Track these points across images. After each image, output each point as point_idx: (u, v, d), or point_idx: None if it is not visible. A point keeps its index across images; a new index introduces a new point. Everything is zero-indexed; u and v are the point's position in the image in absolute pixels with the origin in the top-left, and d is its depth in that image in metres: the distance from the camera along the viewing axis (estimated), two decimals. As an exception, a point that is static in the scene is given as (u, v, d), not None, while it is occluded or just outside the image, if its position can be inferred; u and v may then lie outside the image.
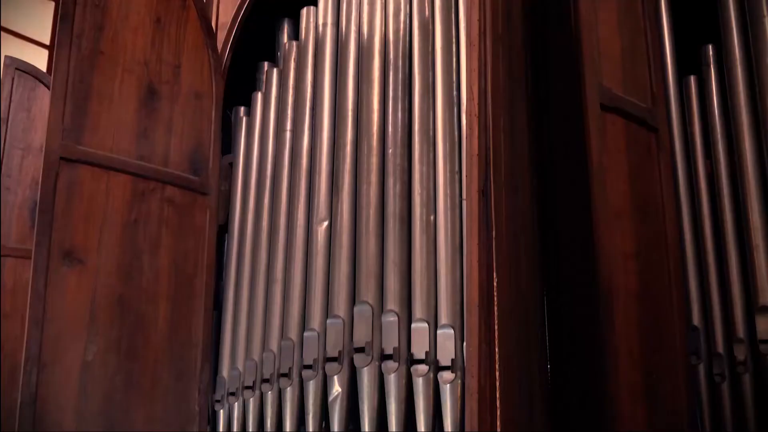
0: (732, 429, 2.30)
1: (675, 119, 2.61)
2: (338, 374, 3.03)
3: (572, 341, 2.44)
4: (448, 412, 2.71)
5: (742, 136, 2.47)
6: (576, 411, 2.41)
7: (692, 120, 2.58)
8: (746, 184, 2.39)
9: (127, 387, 3.01)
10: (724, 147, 2.48)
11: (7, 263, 3.88)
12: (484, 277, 1.87)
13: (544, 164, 2.65)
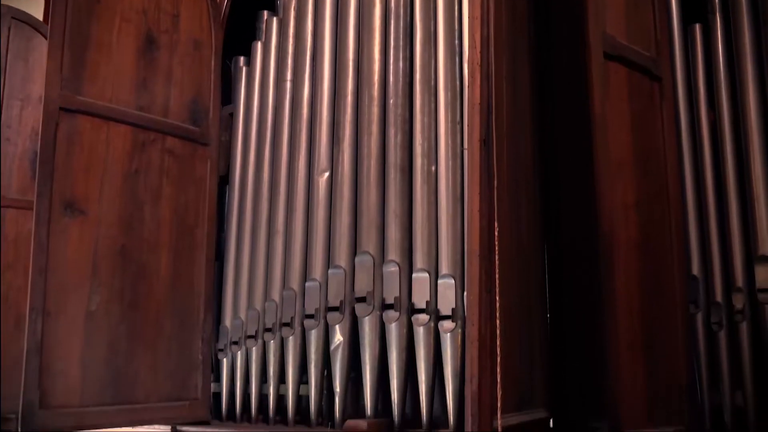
0: (728, 376, 2.33)
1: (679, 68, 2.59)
2: (340, 323, 3.06)
3: (572, 291, 2.46)
4: (449, 361, 2.75)
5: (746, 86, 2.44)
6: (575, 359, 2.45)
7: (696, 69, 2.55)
8: (749, 134, 2.38)
9: (130, 336, 3.04)
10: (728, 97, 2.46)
11: (8, 214, 3.89)
12: (485, 227, 1.87)
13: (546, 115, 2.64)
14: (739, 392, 2.30)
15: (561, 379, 2.45)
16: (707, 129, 2.49)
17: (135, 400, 3.00)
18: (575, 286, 2.43)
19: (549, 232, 2.51)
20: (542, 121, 2.59)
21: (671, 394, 2.23)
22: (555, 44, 2.65)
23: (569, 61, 2.57)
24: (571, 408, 2.42)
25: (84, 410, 2.83)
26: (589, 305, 2.23)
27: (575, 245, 2.44)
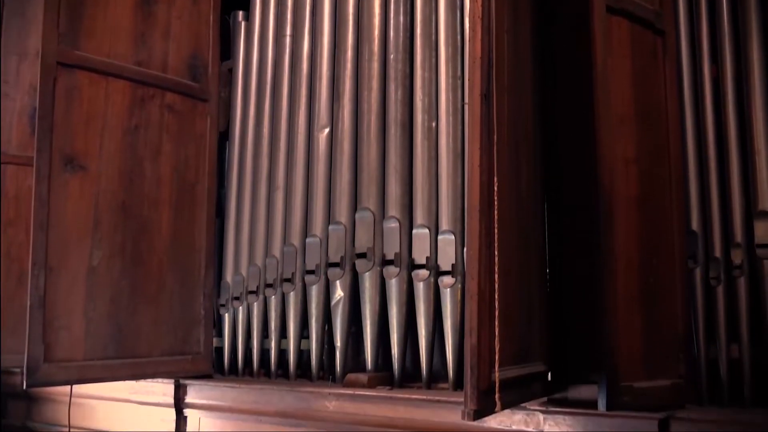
0: (725, 330, 2.34)
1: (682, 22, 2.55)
2: (340, 279, 3.08)
3: (572, 246, 2.47)
4: (448, 316, 2.77)
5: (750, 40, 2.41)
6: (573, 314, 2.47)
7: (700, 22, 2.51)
8: (751, 89, 2.36)
9: (133, 291, 3.06)
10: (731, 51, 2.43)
11: (8, 170, 3.88)
12: (485, 182, 1.87)
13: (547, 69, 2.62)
14: (735, 345, 2.32)
15: (559, 333, 2.48)
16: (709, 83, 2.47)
17: (138, 354, 3.03)
18: (574, 241, 2.44)
19: (549, 188, 2.51)
20: (543, 75, 2.57)
21: (668, 348, 2.26)
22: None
23: (571, 14, 2.54)
24: (569, 361, 2.45)
25: (88, 364, 2.86)
26: (588, 260, 2.24)
27: (575, 200, 2.44)
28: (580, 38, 2.32)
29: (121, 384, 3.42)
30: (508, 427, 2.45)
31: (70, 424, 3.64)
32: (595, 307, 2.20)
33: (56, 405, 3.97)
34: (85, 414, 3.81)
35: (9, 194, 3.87)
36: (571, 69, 2.60)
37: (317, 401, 2.90)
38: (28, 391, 3.98)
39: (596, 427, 2.25)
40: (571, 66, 2.60)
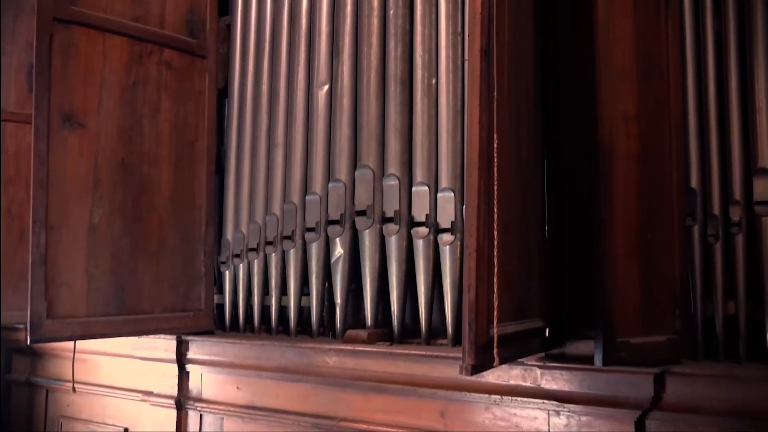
0: (722, 287, 2.36)
1: (686, -25, 2.51)
2: (340, 237, 3.09)
3: (571, 203, 2.48)
4: (447, 273, 2.79)
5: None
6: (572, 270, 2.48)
7: (703, -24, 2.48)
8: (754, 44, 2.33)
9: (134, 248, 3.07)
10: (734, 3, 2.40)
11: (7, 128, 3.87)
12: (485, 138, 1.87)
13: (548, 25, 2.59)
14: (731, 302, 2.34)
15: (557, 290, 2.50)
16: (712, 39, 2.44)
17: (140, 310, 3.06)
18: (574, 198, 2.44)
19: (549, 145, 2.50)
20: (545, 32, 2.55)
21: (665, 305, 2.27)
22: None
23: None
24: (566, 318, 2.47)
25: (90, 320, 2.89)
26: (587, 217, 2.24)
27: (575, 158, 2.44)
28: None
29: (123, 340, 3.45)
30: (506, 382, 2.49)
31: (74, 379, 3.69)
32: (593, 264, 2.22)
33: (60, 360, 4.03)
34: (88, 369, 3.87)
35: (8, 152, 3.87)
36: (573, 25, 2.57)
37: (318, 357, 2.94)
38: (32, 347, 4.03)
39: (593, 382, 2.29)
40: (572, 20, 2.58)
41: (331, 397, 2.96)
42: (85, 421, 3.92)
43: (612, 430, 2.29)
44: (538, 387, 2.41)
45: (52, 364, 4.12)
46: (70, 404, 4.01)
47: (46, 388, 4.14)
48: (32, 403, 4.22)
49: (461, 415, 2.63)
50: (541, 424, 2.46)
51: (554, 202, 2.52)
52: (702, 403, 2.15)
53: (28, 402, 4.23)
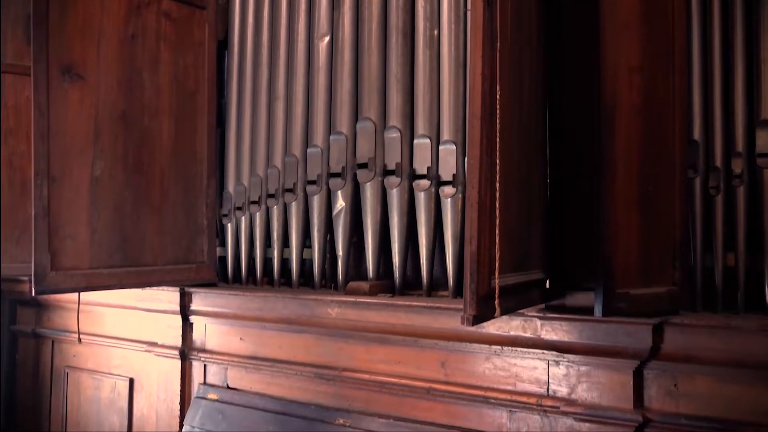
0: (722, 239, 2.37)
1: None
2: (342, 189, 3.09)
3: (573, 156, 2.47)
4: (449, 225, 2.80)
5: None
6: (573, 222, 2.49)
7: None
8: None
9: (136, 201, 3.08)
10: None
11: (6, 80, 3.84)
12: (487, 90, 1.86)
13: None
14: (731, 254, 2.35)
15: (558, 242, 2.51)
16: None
17: (143, 262, 3.08)
18: (576, 149, 2.43)
19: (551, 96, 2.48)
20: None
21: (665, 256, 2.29)
22: None
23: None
24: (567, 270, 2.49)
25: (94, 272, 2.91)
26: (589, 169, 2.24)
27: (577, 109, 2.42)
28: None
29: (127, 292, 3.48)
30: (506, 333, 2.52)
31: (80, 330, 3.74)
32: (593, 216, 2.23)
33: (65, 312, 4.07)
34: (93, 321, 3.91)
35: (8, 104, 3.84)
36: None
37: (320, 308, 2.97)
38: (37, 299, 4.07)
39: (592, 333, 2.31)
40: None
41: (333, 347, 3.00)
42: (91, 371, 3.98)
43: (610, 379, 2.33)
44: (538, 338, 2.44)
45: (58, 316, 4.16)
46: (75, 355, 4.07)
47: (52, 339, 4.19)
48: (38, 353, 4.28)
49: (462, 366, 2.67)
50: (541, 374, 2.50)
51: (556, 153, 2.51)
52: (700, 353, 2.17)
53: (34, 352, 4.29)
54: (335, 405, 2.96)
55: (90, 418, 3.95)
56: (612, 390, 2.33)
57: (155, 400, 3.58)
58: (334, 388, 2.99)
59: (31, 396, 4.29)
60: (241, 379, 3.30)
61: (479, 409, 2.61)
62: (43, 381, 4.24)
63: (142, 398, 3.72)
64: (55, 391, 4.17)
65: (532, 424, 2.50)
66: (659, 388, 2.28)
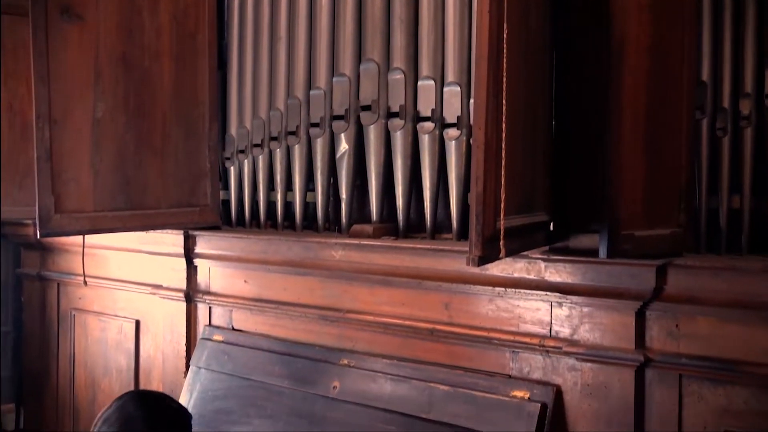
0: (727, 181, 2.36)
1: None
2: (345, 132, 3.08)
3: (579, 96, 2.45)
4: (453, 168, 2.79)
5: None
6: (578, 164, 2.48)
7: None
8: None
9: (138, 144, 3.06)
10: None
11: (4, 21, 3.79)
12: (494, 29, 1.83)
13: None
14: (736, 196, 2.35)
15: (563, 184, 2.50)
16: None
17: (147, 205, 3.08)
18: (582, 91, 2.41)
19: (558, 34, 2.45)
20: None
21: (670, 198, 2.28)
22: None
23: None
24: (571, 212, 2.49)
25: (98, 215, 2.91)
26: (595, 109, 2.22)
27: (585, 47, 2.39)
28: None
29: (131, 235, 3.50)
30: (510, 274, 2.53)
31: (85, 273, 3.76)
32: (599, 158, 2.22)
33: (70, 255, 4.09)
34: (98, 264, 3.93)
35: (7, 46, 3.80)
36: None
37: (324, 251, 2.98)
38: (41, 242, 4.09)
39: (595, 274, 2.33)
40: None
41: (337, 290, 3.02)
42: (97, 313, 4.02)
43: (612, 320, 2.35)
44: (542, 279, 2.45)
45: (63, 259, 4.19)
46: (81, 297, 4.11)
47: (57, 281, 4.23)
48: (44, 296, 4.31)
49: (465, 307, 2.69)
50: (544, 315, 2.52)
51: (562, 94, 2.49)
52: (702, 295, 2.19)
53: (40, 295, 4.33)
54: (339, 346, 3.00)
55: (97, 359, 4.01)
56: (614, 331, 2.35)
57: (161, 341, 3.63)
58: (338, 330, 3.03)
59: (38, 338, 4.34)
60: (246, 321, 3.34)
61: (482, 349, 2.64)
62: (49, 323, 4.29)
63: (148, 340, 3.76)
64: (62, 333, 4.22)
65: (534, 364, 2.53)
66: (661, 328, 2.30)
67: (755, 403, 2.15)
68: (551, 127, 2.47)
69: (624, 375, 2.32)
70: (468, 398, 2.57)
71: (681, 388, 2.26)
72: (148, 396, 2.34)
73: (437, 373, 2.69)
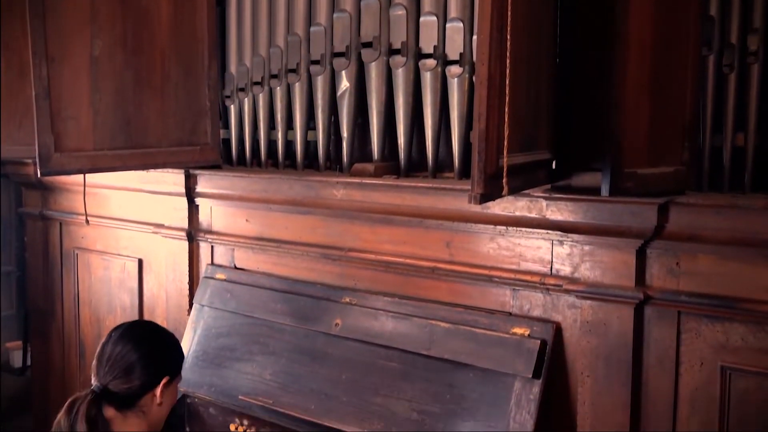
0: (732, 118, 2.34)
1: None
2: (346, 69, 3.04)
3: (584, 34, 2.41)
4: (455, 106, 2.77)
5: None
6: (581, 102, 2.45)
7: None
8: None
9: (137, 82, 3.02)
10: None
11: (-5, -45, 3.71)
12: (499, -40, 1.78)
13: None
14: (741, 134, 2.33)
15: (566, 122, 2.48)
16: None
17: (147, 144, 3.06)
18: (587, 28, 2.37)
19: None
20: None
21: (674, 136, 2.27)
22: None
23: None
24: (574, 150, 2.47)
25: (98, 153, 2.90)
26: (600, 46, 2.18)
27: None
28: None
29: (132, 174, 3.49)
30: (511, 213, 2.53)
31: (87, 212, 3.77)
32: (604, 96, 2.19)
33: (71, 194, 4.09)
34: (99, 203, 3.94)
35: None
36: None
37: (325, 190, 2.98)
38: (42, 181, 4.08)
39: (597, 212, 2.33)
40: None
41: (338, 228, 3.03)
42: (100, 252, 4.04)
43: (613, 258, 2.36)
44: (543, 218, 2.45)
45: (64, 198, 4.19)
46: (84, 236, 4.12)
47: (60, 221, 4.24)
48: (46, 235, 4.33)
49: (466, 246, 2.70)
50: (545, 254, 2.53)
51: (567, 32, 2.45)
52: (704, 233, 2.19)
53: (42, 234, 4.34)
54: (341, 284, 3.03)
55: (102, 297, 4.05)
56: (614, 269, 2.37)
57: (164, 279, 3.66)
58: (340, 268, 3.05)
59: (42, 277, 4.38)
60: (248, 260, 3.36)
61: (483, 287, 2.67)
62: (53, 262, 4.32)
63: (151, 278, 3.80)
64: (65, 272, 4.26)
65: (534, 302, 2.56)
66: (661, 266, 2.32)
67: (752, 340, 2.17)
68: (555, 63, 2.44)
69: (623, 312, 2.34)
70: (468, 335, 2.60)
71: (679, 325, 2.29)
72: (134, 327, 2.37)
73: (438, 310, 2.72)
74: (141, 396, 2.22)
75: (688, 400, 2.29)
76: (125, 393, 2.20)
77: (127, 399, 2.21)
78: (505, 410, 2.44)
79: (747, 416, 2.19)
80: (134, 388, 2.20)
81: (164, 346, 2.36)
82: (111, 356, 2.21)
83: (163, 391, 2.25)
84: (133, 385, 2.20)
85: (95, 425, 2.12)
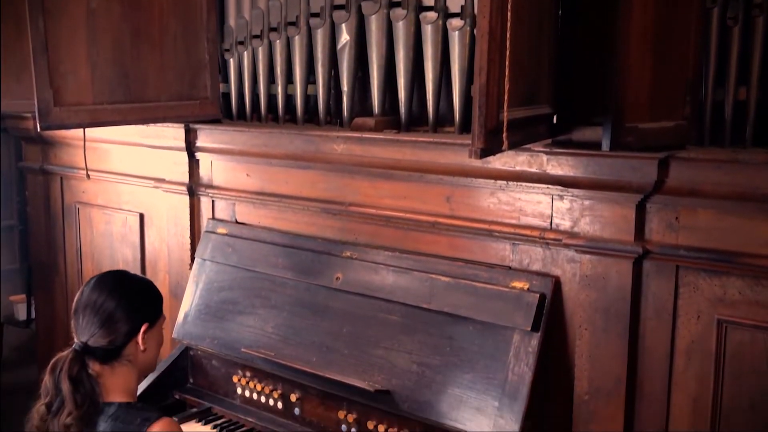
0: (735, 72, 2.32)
1: None
2: (346, 22, 3.01)
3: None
4: (456, 59, 2.74)
5: None
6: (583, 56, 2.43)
7: None
8: None
9: (135, 36, 3.00)
10: None
11: None
12: None
13: None
14: (743, 88, 2.31)
15: (567, 76, 2.46)
16: None
17: (146, 98, 3.05)
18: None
19: None
20: None
21: (676, 90, 2.25)
22: None
23: None
24: (575, 105, 2.46)
25: (98, 107, 2.89)
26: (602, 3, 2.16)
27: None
28: None
29: (132, 129, 3.48)
30: (512, 168, 2.53)
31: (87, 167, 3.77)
32: (605, 50, 2.17)
33: (71, 149, 4.08)
34: (99, 157, 3.93)
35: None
36: None
37: (325, 144, 2.97)
38: (42, 136, 4.07)
39: (597, 167, 2.33)
40: None
41: (339, 183, 3.03)
42: (101, 206, 4.05)
43: (613, 212, 2.37)
44: (544, 172, 2.45)
45: (64, 153, 4.18)
46: (85, 191, 4.13)
47: (60, 175, 4.23)
48: (48, 189, 4.33)
49: (466, 200, 2.71)
50: (545, 208, 2.54)
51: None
52: (704, 187, 2.19)
53: (43, 189, 4.35)
54: (342, 238, 3.04)
55: (104, 251, 4.07)
56: (614, 223, 2.37)
57: (166, 234, 3.68)
58: (340, 223, 3.06)
59: (44, 231, 4.39)
60: (249, 214, 3.37)
61: (483, 242, 2.68)
62: (54, 216, 4.33)
63: (153, 232, 3.81)
64: (67, 225, 4.27)
65: (534, 256, 2.57)
66: (660, 221, 2.32)
67: (749, 293, 2.19)
68: (557, 17, 2.41)
69: (622, 266, 2.36)
70: (468, 289, 2.63)
71: (677, 279, 2.31)
72: (105, 277, 2.33)
73: (438, 264, 2.74)
74: (123, 346, 2.18)
75: (685, 352, 2.32)
76: (107, 346, 2.15)
77: (109, 352, 2.16)
78: (504, 362, 2.48)
79: (741, 368, 2.22)
80: (115, 339, 2.15)
81: (138, 291, 2.29)
82: (87, 309, 2.16)
83: (144, 337, 2.21)
84: (112, 337, 2.15)
85: (80, 383, 2.08)
